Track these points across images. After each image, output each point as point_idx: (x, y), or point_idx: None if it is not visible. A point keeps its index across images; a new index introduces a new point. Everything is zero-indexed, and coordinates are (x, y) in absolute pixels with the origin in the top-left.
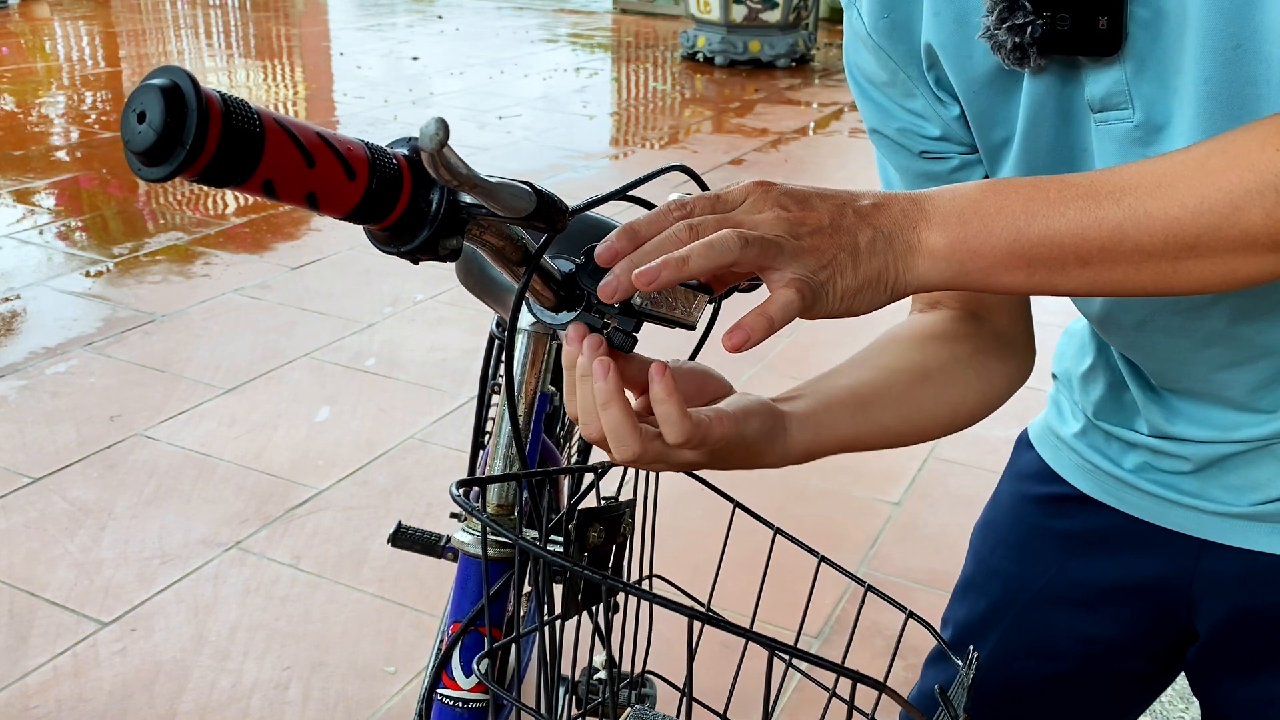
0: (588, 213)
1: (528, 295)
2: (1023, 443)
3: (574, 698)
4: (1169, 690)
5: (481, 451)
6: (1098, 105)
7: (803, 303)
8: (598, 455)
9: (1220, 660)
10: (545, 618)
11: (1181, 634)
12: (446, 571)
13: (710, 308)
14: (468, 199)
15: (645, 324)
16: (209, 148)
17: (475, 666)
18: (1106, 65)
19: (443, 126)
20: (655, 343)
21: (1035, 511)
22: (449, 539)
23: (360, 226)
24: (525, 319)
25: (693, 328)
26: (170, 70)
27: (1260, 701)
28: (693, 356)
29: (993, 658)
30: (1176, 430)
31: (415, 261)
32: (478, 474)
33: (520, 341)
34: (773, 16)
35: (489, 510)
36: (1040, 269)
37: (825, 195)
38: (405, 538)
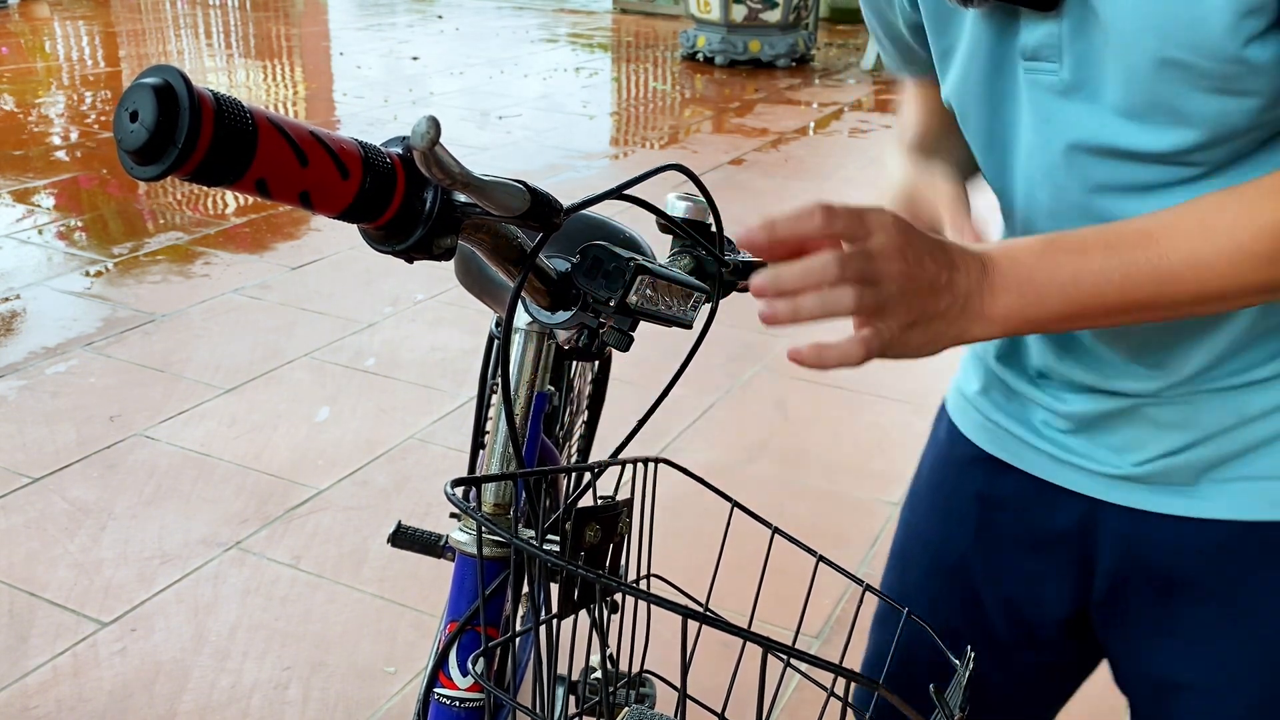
0: (583, 211)
1: (524, 294)
2: (940, 410)
3: (574, 697)
4: None
5: (481, 452)
6: (1029, 54)
7: (866, 358)
8: (596, 455)
9: (1122, 623)
10: (541, 617)
11: (1090, 592)
12: (446, 571)
13: (708, 305)
14: (462, 198)
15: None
16: (202, 146)
17: (470, 666)
18: (1044, 18)
19: (434, 125)
20: (654, 343)
21: (951, 475)
22: (448, 539)
23: (355, 225)
24: (522, 318)
25: (689, 326)
26: (163, 69)
27: (1164, 674)
28: (690, 356)
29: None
30: (1064, 368)
31: (410, 260)
32: (477, 474)
33: (517, 341)
34: (773, 16)
35: (486, 509)
36: (1082, 321)
37: (938, 254)
38: (405, 538)
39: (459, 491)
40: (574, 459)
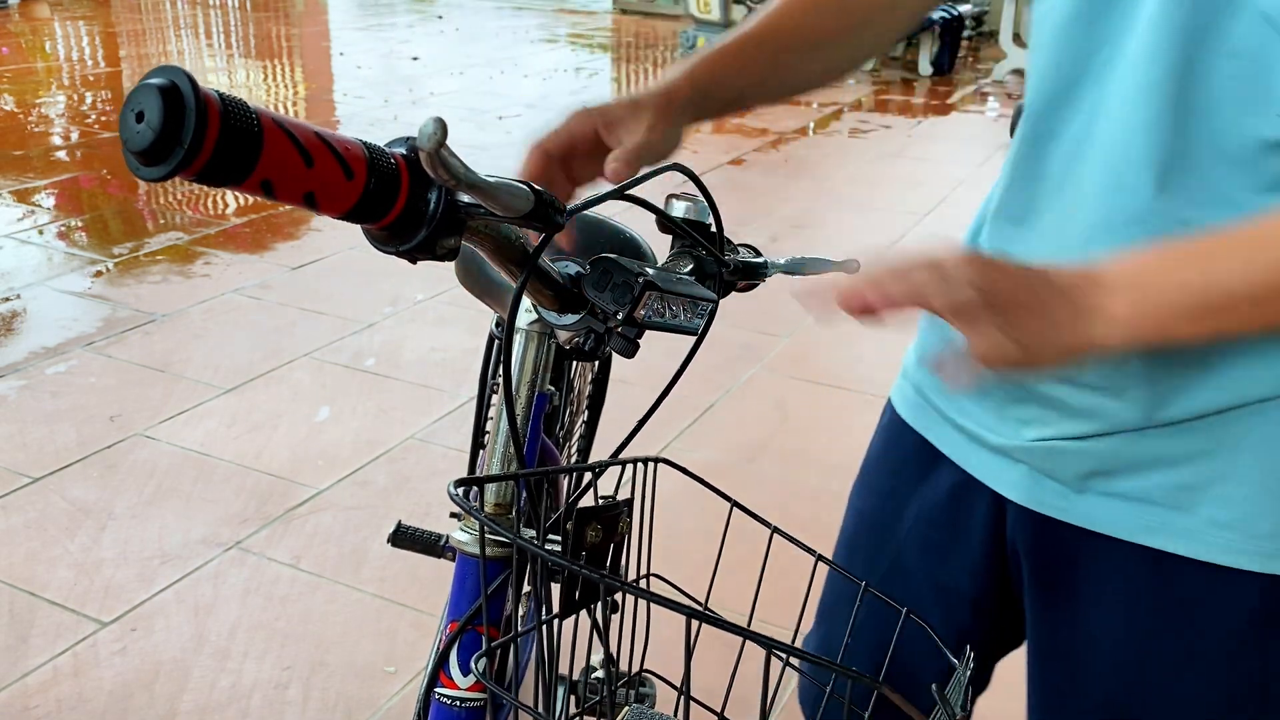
0: (586, 212)
1: (527, 294)
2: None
3: (573, 697)
4: None
5: (481, 451)
6: None
7: (988, 365)
8: (596, 455)
9: (1033, 600)
10: (543, 617)
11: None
12: (446, 571)
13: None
14: (465, 198)
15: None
16: (207, 147)
17: (473, 665)
18: None
19: (441, 126)
20: (654, 343)
21: (885, 455)
22: (449, 539)
23: (358, 226)
24: (523, 318)
25: (695, 333)
26: (168, 70)
27: (1070, 642)
28: (690, 357)
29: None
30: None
31: (413, 261)
32: (477, 474)
33: (518, 341)
34: None
35: (487, 510)
36: (1211, 317)
37: (1011, 261)
38: (405, 538)
39: (461, 491)
40: (574, 459)
